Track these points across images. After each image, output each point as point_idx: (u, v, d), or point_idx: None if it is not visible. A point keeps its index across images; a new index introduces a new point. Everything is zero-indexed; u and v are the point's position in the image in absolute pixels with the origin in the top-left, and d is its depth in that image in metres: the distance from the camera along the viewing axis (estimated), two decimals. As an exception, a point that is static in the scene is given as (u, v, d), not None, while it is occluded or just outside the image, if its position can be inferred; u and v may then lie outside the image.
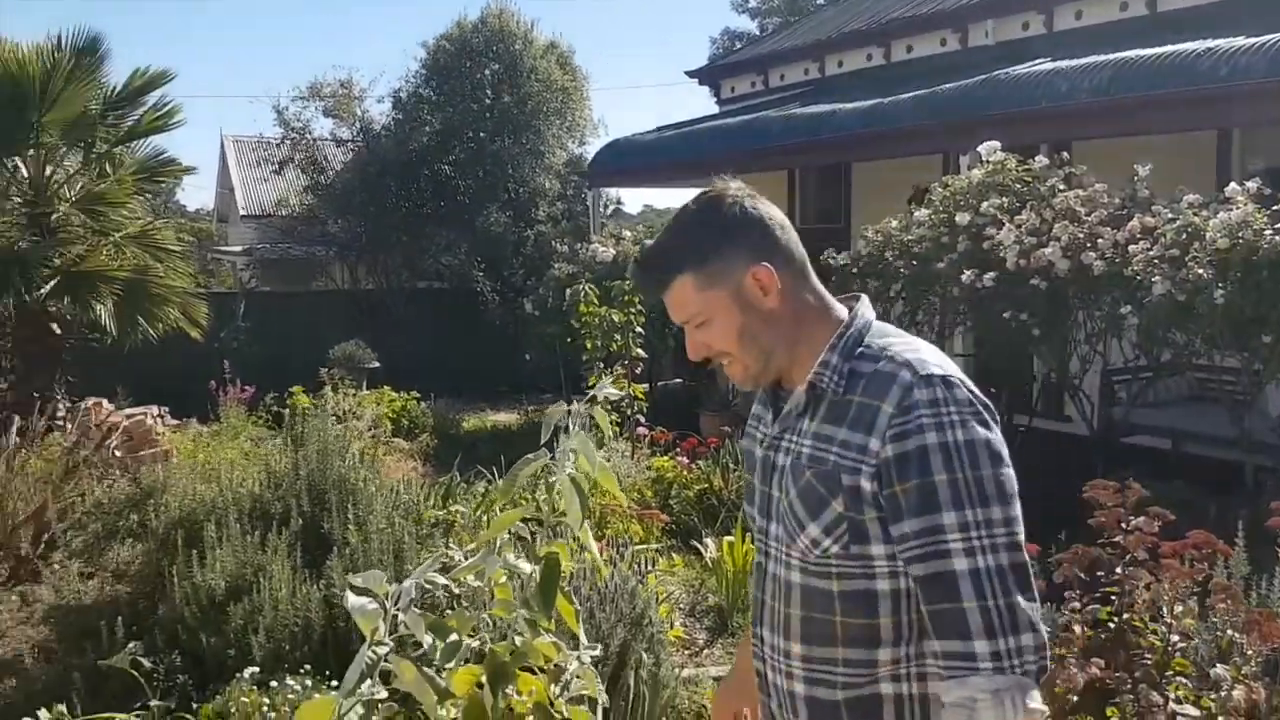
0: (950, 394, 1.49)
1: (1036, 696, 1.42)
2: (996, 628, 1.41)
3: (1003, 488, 1.47)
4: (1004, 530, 1.44)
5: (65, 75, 9.55)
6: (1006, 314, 6.47)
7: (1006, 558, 1.43)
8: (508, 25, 16.56)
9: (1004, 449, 1.49)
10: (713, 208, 1.68)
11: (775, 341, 1.65)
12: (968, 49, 10.43)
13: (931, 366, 1.52)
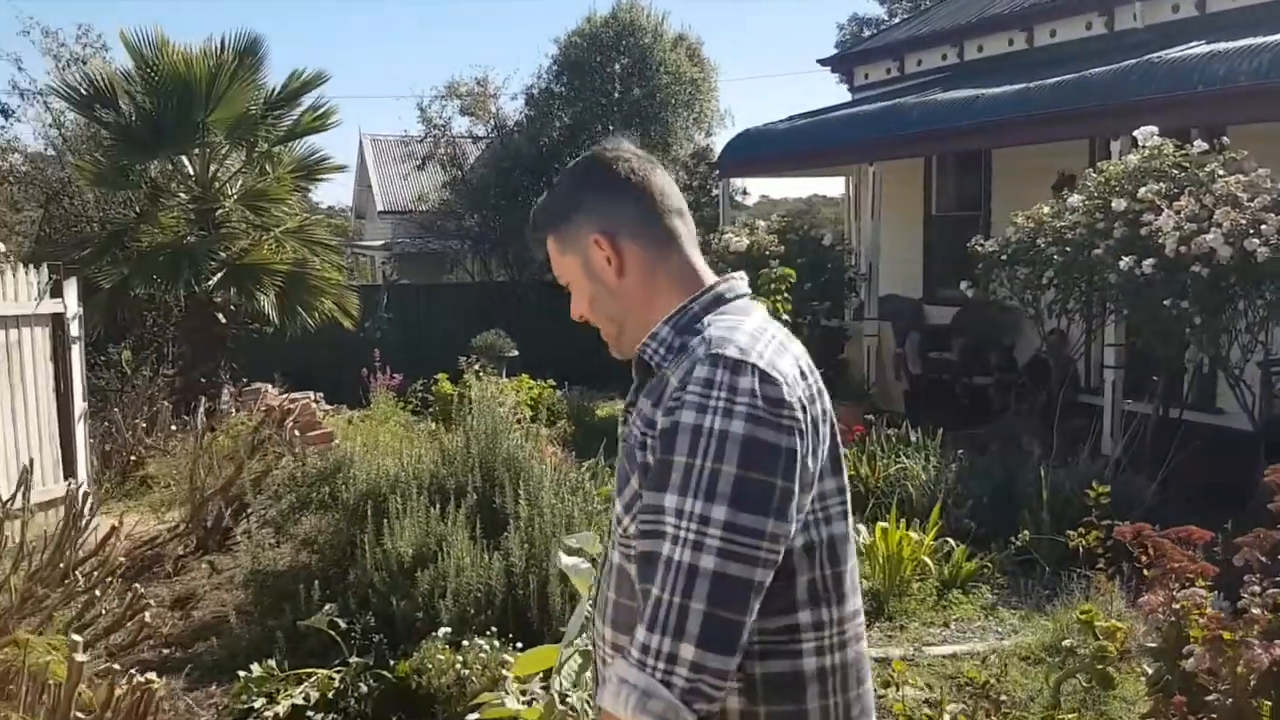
0: (732, 379, 1.34)
1: (656, 709, 1.28)
2: (659, 623, 1.29)
3: (741, 491, 1.30)
4: (719, 533, 1.29)
5: (229, 76, 10.10)
6: (1167, 301, 6.33)
7: (709, 561, 1.28)
8: (638, 19, 16.76)
9: (774, 456, 1.33)
10: (582, 170, 1.62)
11: (624, 313, 1.56)
12: (1114, 32, 10.15)
13: (729, 348, 1.38)
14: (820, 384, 1.51)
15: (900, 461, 6.64)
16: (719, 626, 1.28)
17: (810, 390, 1.44)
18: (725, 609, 1.29)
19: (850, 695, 1.45)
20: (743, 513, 1.30)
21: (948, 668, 4.40)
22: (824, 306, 10.47)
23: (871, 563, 5.40)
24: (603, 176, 1.57)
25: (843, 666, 1.43)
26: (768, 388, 1.35)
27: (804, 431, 1.37)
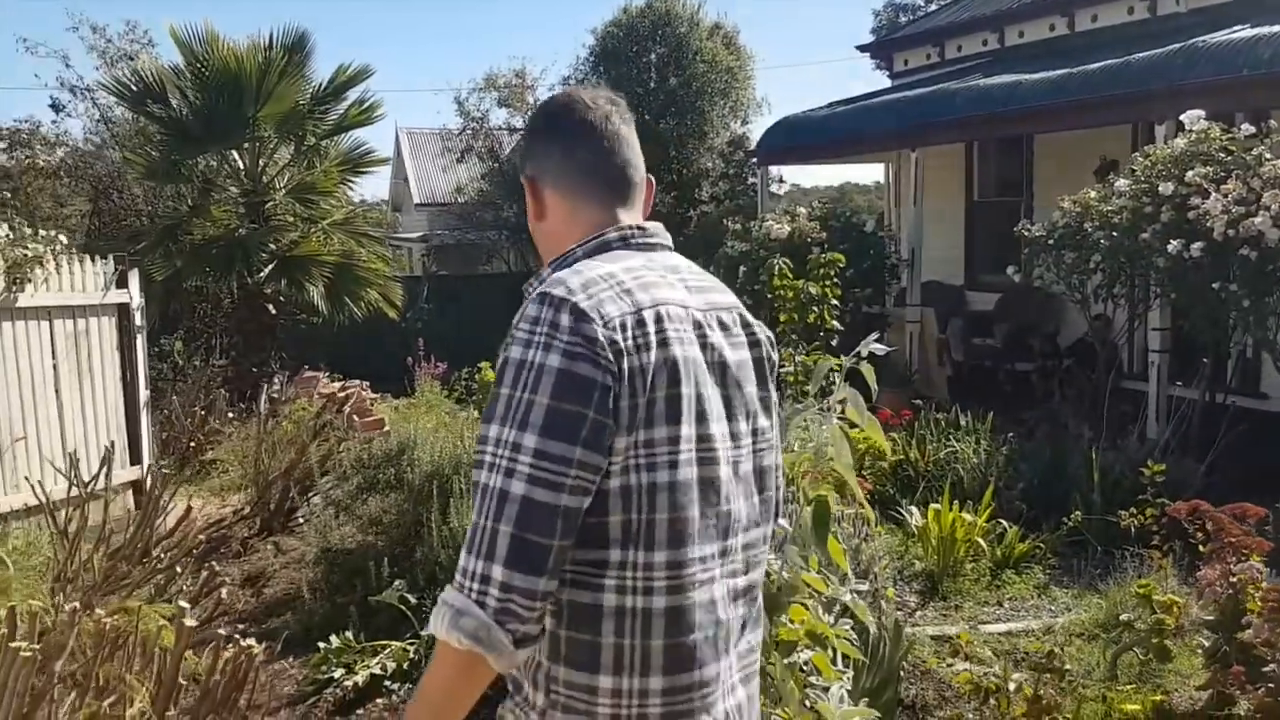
0: (554, 316, 1.38)
1: (468, 627, 1.31)
2: (473, 546, 1.34)
3: (552, 421, 1.34)
4: (529, 460, 1.33)
5: (278, 71, 10.29)
6: (1215, 284, 6.35)
7: (519, 486, 1.33)
8: (674, 8, 16.83)
9: (588, 389, 1.35)
10: (533, 113, 1.70)
11: (547, 254, 1.62)
12: (1157, 16, 10.11)
13: (558, 288, 1.42)
14: (703, 337, 1.48)
15: (950, 445, 6.70)
16: (525, 548, 1.32)
17: (648, 338, 1.41)
18: (531, 532, 1.32)
19: (652, 643, 1.42)
20: (552, 440, 1.34)
21: (1004, 644, 4.48)
22: (865, 293, 10.52)
23: (924, 544, 5.49)
24: (542, 122, 1.64)
25: (645, 612, 1.41)
26: (584, 325, 1.37)
27: (620, 373, 1.37)
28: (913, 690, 3.95)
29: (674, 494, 1.42)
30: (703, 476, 1.46)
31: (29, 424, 6.17)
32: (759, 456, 1.58)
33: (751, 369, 1.57)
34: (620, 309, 1.42)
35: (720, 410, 1.50)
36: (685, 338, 1.46)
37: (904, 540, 5.73)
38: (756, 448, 1.57)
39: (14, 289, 6.05)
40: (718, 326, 1.52)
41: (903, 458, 6.67)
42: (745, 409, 1.54)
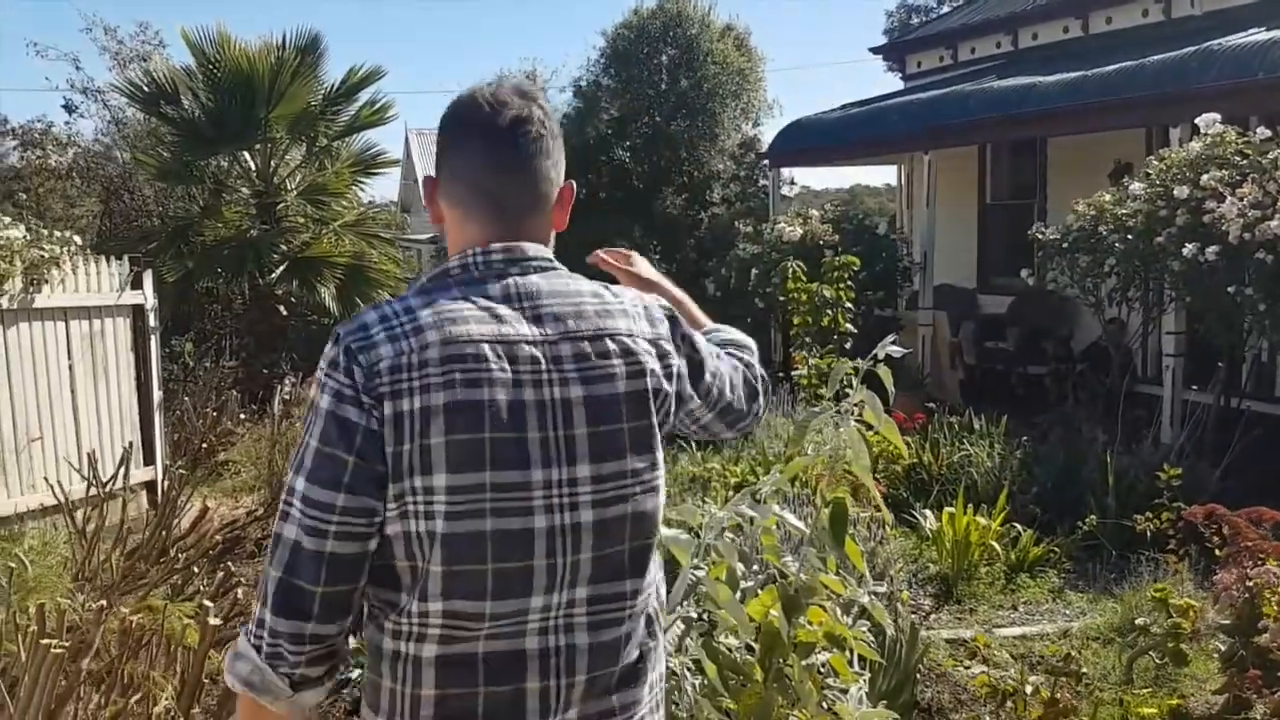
0: (334, 355, 1.35)
1: (241, 671, 1.34)
2: (258, 591, 1.36)
3: (317, 464, 1.32)
4: (299, 505, 1.32)
5: (290, 72, 10.33)
6: (1231, 288, 6.34)
7: (290, 531, 1.33)
8: (685, 10, 16.81)
9: (350, 433, 1.32)
10: (446, 108, 1.54)
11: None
12: (1172, 19, 10.09)
13: (347, 325, 1.39)
14: (535, 375, 1.36)
15: (963, 449, 6.70)
16: (290, 593, 1.32)
17: (424, 381, 1.32)
18: (297, 577, 1.32)
19: (421, 692, 1.36)
20: (316, 485, 1.32)
21: (1018, 648, 4.47)
22: (878, 296, 10.52)
23: (939, 547, 5.49)
24: (445, 120, 1.50)
25: (414, 660, 1.35)
26: (353, 366, 1.33)
27: (384, 417, 1.31)
28: (929, 693, 3.95)
29: (452, 546, 1.32)
30: (500, 529, 1.33)
31: (45, 424, 6.20)
32: (631, 502, 1.40)
33: (622, 404, 1.40)
34: (395, 350, 1.34)
35: (546, 455, 1.35)
36: (488, 378, 1.33)
37: (918, 544, 5.73)
38: (622, 492, 1.39)
39: (31, 290, 6.09)
40: (571, 359, 1.38)
41: (916, 461, 6.67)
42: (602, 450, 1.38)
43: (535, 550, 1.34)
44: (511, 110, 1.45)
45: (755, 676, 2.89)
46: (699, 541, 2.79)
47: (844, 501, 2.88)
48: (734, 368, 1.72)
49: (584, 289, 1.45)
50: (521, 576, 1.34)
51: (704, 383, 1.60)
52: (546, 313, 1.41)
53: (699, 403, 1.60)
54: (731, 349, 1.78)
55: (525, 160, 1.47)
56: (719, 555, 2.76)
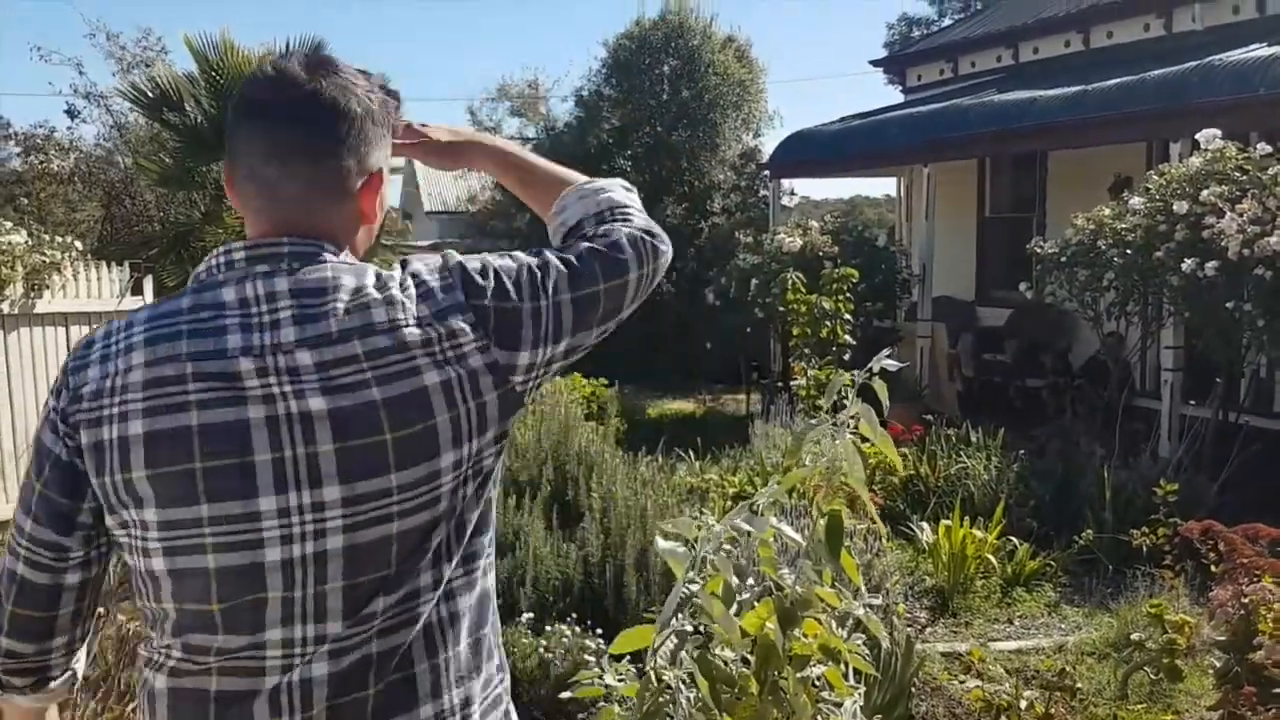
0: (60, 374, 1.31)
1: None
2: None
3: (23, 487, 1.31)
4: (11, 528, 1.33)
5: (293, 80, 10.34)
6: (1230, 304, 6.35)
7: (3, 554, 1.33)
8: (686, 21, 16.86)
9: (41, 459, 1.27)
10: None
11: None
12: (1173, 34, 10.13)
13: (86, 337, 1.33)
14: (265, 391, 1.20)
15: (960, 461, 6.70)
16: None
17: (124, 407, 1.20)
18: (3, 599, 1.33)
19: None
20: (19, 509, 1.31)
21: (1014, 662, 4.47)
22: (877, 307, 10.53)
23: (935, 560, 5.49)
24: (233, 99, 1.34)
25: (151, 691, 1.28)
26: (62, 389, 1.27)
27: (80, 446, 1.23)
28: (924, 707, 3.95)
29: (174, 582, 1.22)
30: (224, 565, 1.20)
31: (44, 428, 6.21)
32: (398, 521, 1.22)
33: (382, 411, 1.20)
34: (102, 372, 1.23)
35: (281, 479, 1.19)
36: (198, 401, 1.19)
37: (914, 556, 5.73)
38: (384, 511, 1.21)
39: (32, 295, 6.10)
40: (313, 368, 1.20)
41: (913, 473, 6.68)
42: (355, 468, 1.20)
43: (268, 584, 1.20)
44: (295, 87, 1.27)
45: (750, 690, 2.89)
46: (694, 555, 2.79)
47: (840, 514, 2.89)
48: (588, 254, 1.39)
49: (344, 283, 1.23)
50: (252, 611, 1.21)
51: (540, 326, 1.30)
52: (286, 317, 1.22)
53: (545, 348, 1.31)
54: (592, 224, 1.46)
55: (308, 144, 1.28)
56: (714, 569, 2.77)
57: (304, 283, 1.24)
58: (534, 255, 1.36)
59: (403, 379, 1.22)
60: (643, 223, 1.46)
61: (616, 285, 1.39)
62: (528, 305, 1.30)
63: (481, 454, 1.28)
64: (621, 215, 1.47)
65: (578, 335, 1.35)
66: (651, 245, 1.44)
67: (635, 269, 1.40)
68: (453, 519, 1.27)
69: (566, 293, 1.33)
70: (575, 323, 1.34)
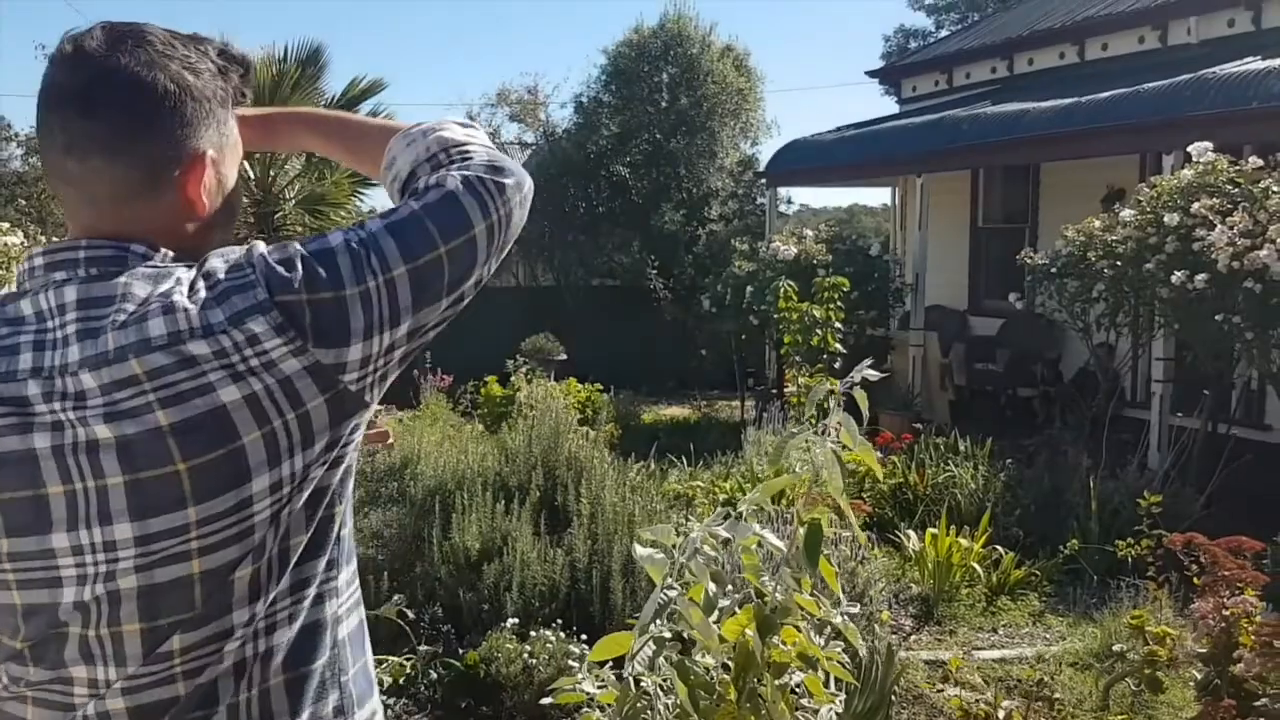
0: None
1: None
2: None
3: None
4: None
5: (291, 84, 10.40)
6: (1218, 316, 6.38)
7: None
8: (685, 29, 16.93)
9: None
10: None
11: None
12: (1168, 47, 10.17)
13: None
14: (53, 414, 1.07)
15: (948, 469, 6.72)
16: None
17: None
18: None
19: None
20: None
21: (996, 671, 4.49)
22: (870, 316, 10.57)
23: (921, 568, 5.51)
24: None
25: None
26: None
27: None
28: (904, 715, 3.97)
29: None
30: (28, 603, 1.11)
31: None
32: (201, 559, 1.09)
33: (170, 439, 1.06)
34: None
35: (74, 514, 1.08)
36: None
37: (901, 564, 5.75)
38: (183, 549, 1.08)
39: (25, 295, 6.11)
40: (97, 392, 1.06)
41: (902, 481, 6.70)
42: (148, 503, 1.07)
43: (68, 622, 1.11)
44: (88, 66, 1.12)
45: (729, 696, 2.91)
46: (673, 561, 2.81)
47: (820, 523, 2.91)
48: (420, 213, 1.19)
49: (134, 291, 1.09)
50: (55, 647, 1.12)
51: (372, 311, 1.12)
52: (73, 333, 1.09)
53: (381, 335, 1.13)
54: (426, 171, 1.27)
55: (105, 131, 1.12)
56: (693, 575, 2.78)
57: (92, 292, 1.10)
58: (354, 230, 1.16)
59: (192, 399, 1.06)
60: (485, 159, 1.25)
61: (461, 244, 1.18)
62: (351, 290, 1.11)
63: (309, 470, 1.12)
64: (459, 155, 1.26)
65: (422, 312, 1.17)
66: (494, 185, 1.22)
67: (481, 219, 1.19)
68: (273, 546, 1.13)
69: (400, 265, 1.14)
70: (416, 299, 1.15)
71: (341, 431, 1.14)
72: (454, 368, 11.74)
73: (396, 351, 1.17)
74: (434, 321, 1.21)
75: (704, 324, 12.56)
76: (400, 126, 1.35)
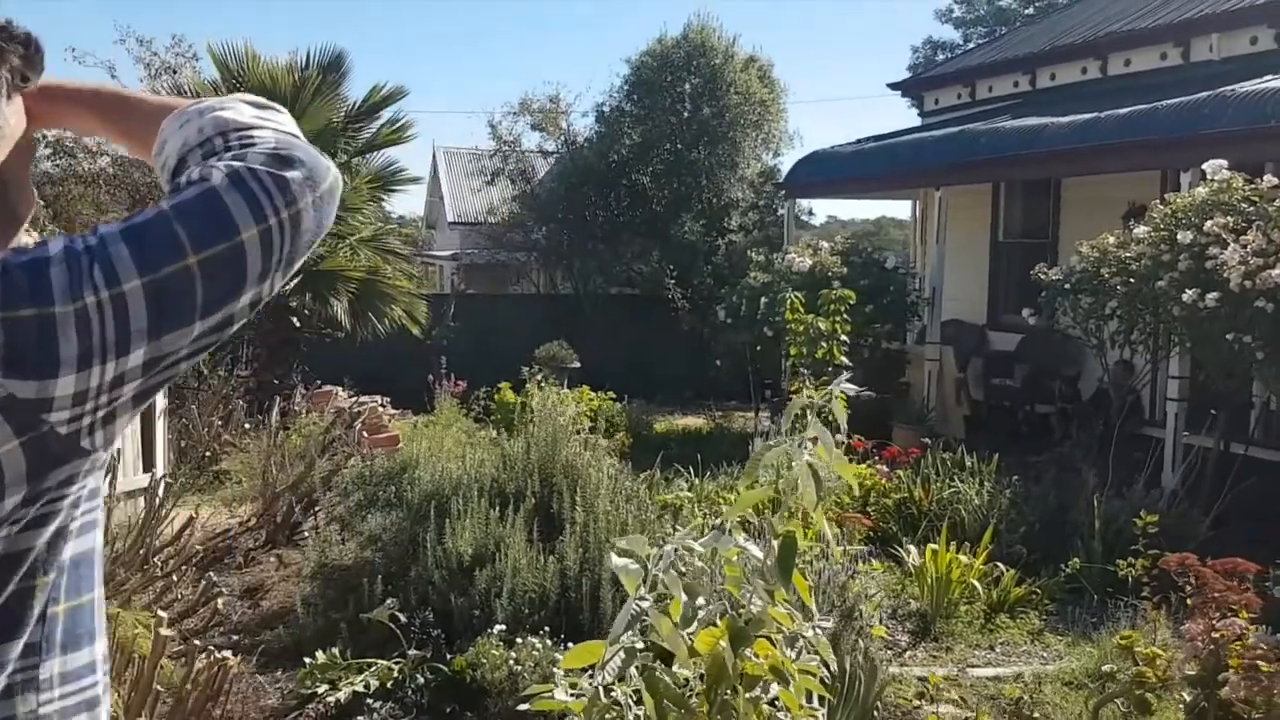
0: None
1: None
2: None
3: None
4: None
5: (313, 90, 10.49)
6: (1229, 335, 6.31)
7: None
8: (709, 40, 16.96)
9: None
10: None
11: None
12: (1190, 64, 10.08)
13: None
14: None
15: (954, 485, 6.68)
16: None
17: None
18: None
19: None
20: None
21: (990, 689, 4.45)
22: (885, 329, 10.52)
23: (920, 584, 5.47)
24: None
25: None
26: None
27: None
28: (891, 731, 3.94)
29: None
30: None
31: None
32: None
33: None
34: None
35: None
36: None
37: (901, 579, 5.71)
38: None
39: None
40: None
41: (907, 496, 6.66)
42: None
43: None
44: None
45: (700, 710, 2.90)
46: (647, 571, 2.80)
47: (794, 536, 2.90)
48: (170, 214, 0.96)
49: None
50: None
51: (91, 334, 0.91)
52: None
53: (103, 365, 0.91)
54: (197, 159, 1.02)
55: None
56: (664, 586, 2.78)
57: None
58: (84, 236, 0.94)
59: None
60: (270, 147, 1.00)
61: (220, 253, 0.93)
62: (62, 308, 0.89)
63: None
64: (239, 141, 1.01)
65: (166, 338, 0.93)
66: (274, 179, 0.97)
67: (253, 222, 0.95)
68: None
69: (134, 278, 0.90)
70: (156, 320, 0.91)
71: (46, 484, 0.93)
72: (475, 373, 11.82)
73: (128, 386, 0.93)
74: (186, 350, 0.96)
75: (720, 334, 12.55)
76: (181, 104, 1.09)
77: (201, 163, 0.99)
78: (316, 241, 1.03)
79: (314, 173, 1.01)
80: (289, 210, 0.97)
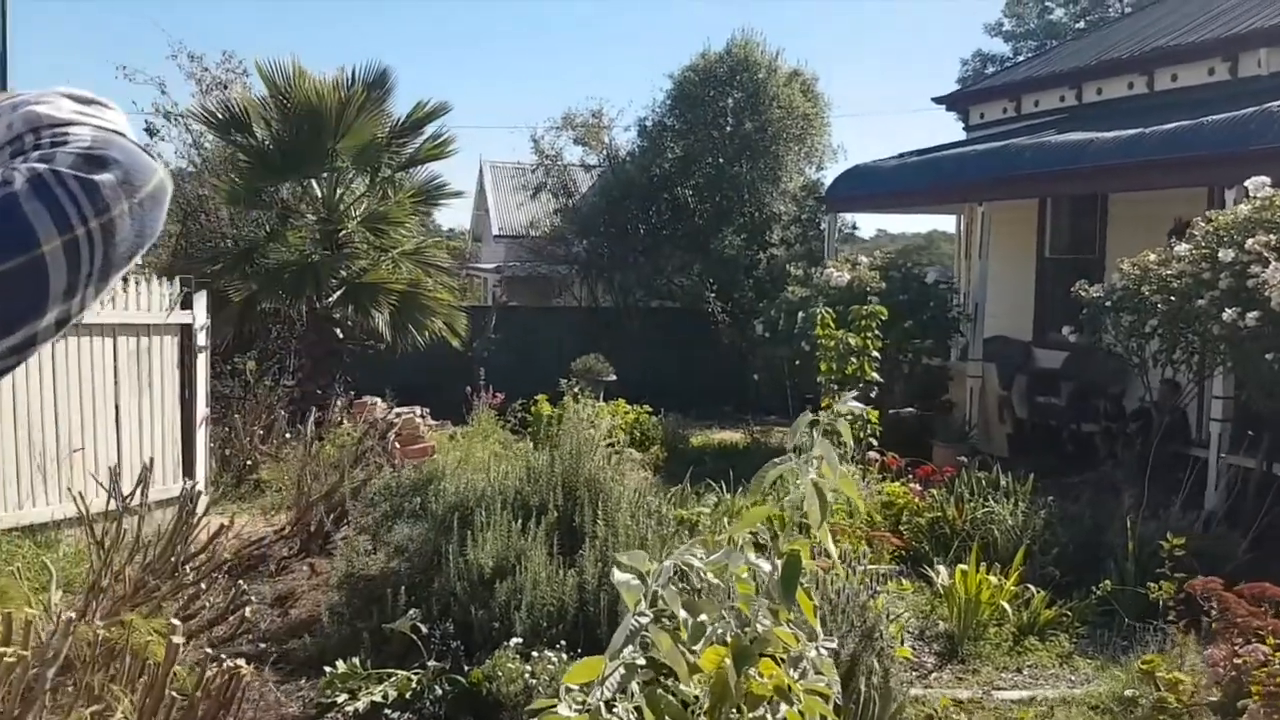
0: None
1: None
2: None
3: None
4: None
5: (358, 106, 10.65)
6: (1269, 355, 6.18)
7: None
8: (752, 55, 16.95)
9: None
10: None
11: None
12: (1238, 79, 9.90)
13: None
14: None
15: (988, 505, 6.59)
16: None
17: None
18: None
19: None
20: None
21: (1014, 712, 4.39)
22: (926, 345, 10.41)
23: (949, 604, 5.41)
24: None
25: None
26: None
27: None
28: (909, 753, 3.90)
29: None
30: None
31: (87, 436, 6.45)
32: None
33: None
34: None
35: None
36: None
37: (931, 599, 5.65)
38: None
39: (83, 306, 6.35)
40: None
41: (940, 515, 6.58)
42: None
43: None
44: None
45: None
46: (647, 588, 2.81)
47: (799, 555, 2.89)
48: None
49: None
50: None
51: None
52: None
53: None
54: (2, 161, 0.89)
55: None
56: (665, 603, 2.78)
57: None
58: None
59: None
60: (86, 144, 0.88)
61: (18, 268, 0.82)
62: None
63: None
64: (52, 139, 0.89)
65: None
66: (83, 184, 0.85)
67: (56, 233, 0.83)
68: None
69: None
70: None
71: None
72: (515, 384, 11.90)
73: None
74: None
75: (758, 348, 12.52)
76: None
77: (8, 163, 0.87)
78: (141, 251, 0.91)
79: (131, 175, 0.89)
80: (99, 219, 0.85)
